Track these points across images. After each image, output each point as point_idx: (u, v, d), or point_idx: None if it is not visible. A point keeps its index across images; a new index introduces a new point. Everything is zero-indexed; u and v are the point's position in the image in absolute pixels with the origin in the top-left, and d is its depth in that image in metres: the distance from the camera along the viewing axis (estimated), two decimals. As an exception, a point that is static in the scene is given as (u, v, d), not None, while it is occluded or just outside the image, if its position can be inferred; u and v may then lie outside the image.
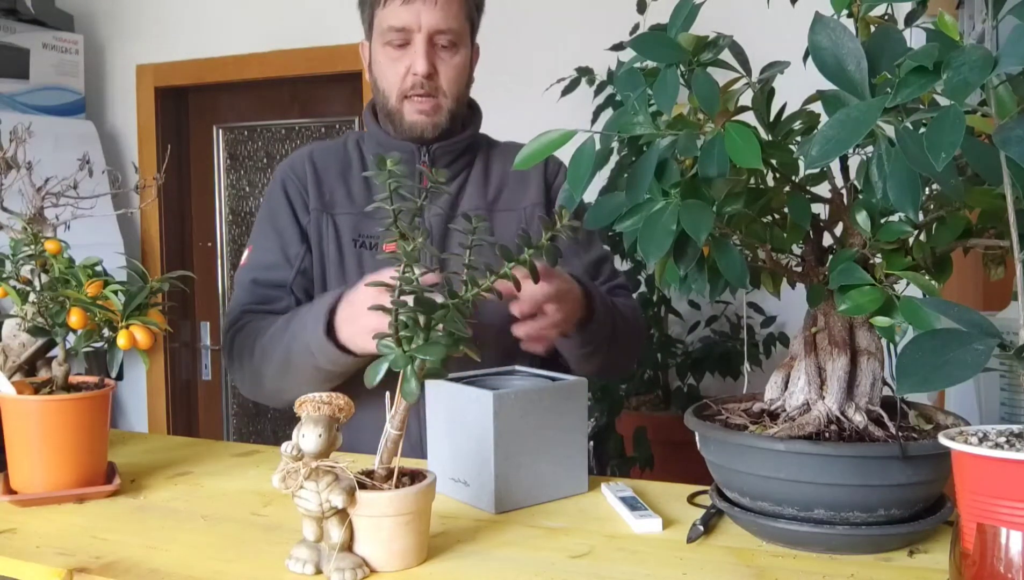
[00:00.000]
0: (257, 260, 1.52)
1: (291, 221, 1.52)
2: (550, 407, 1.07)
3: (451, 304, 0.85)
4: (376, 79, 1.52)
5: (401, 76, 1.46)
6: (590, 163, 0.84)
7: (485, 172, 1.56)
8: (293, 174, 1.55)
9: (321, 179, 1.53)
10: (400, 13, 1.43)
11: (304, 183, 1.53)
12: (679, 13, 0.88)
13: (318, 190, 1.53)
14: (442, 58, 1.46)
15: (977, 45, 0.66)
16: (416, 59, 1.43)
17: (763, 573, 0.85)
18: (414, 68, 1.44)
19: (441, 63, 1.46)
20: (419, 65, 1.43)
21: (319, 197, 1.52)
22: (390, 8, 1.44)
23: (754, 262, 0.96)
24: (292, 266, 1.50)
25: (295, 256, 1.50)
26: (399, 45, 1.45)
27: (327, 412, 0.85)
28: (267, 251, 1.51)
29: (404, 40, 1.44)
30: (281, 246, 1.51)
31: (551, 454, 1.07)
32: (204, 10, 3.45)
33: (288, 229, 1.51)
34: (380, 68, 1.50)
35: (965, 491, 0.68)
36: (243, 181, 3.60)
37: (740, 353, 2.64)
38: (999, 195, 0.70)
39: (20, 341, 1.19)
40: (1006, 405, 1.16)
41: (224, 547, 0.94)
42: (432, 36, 1.44)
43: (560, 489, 1.09)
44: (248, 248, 1.57)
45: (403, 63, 1.45)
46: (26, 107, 3.20)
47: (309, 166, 1.55)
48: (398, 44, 1.45)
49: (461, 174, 1.55)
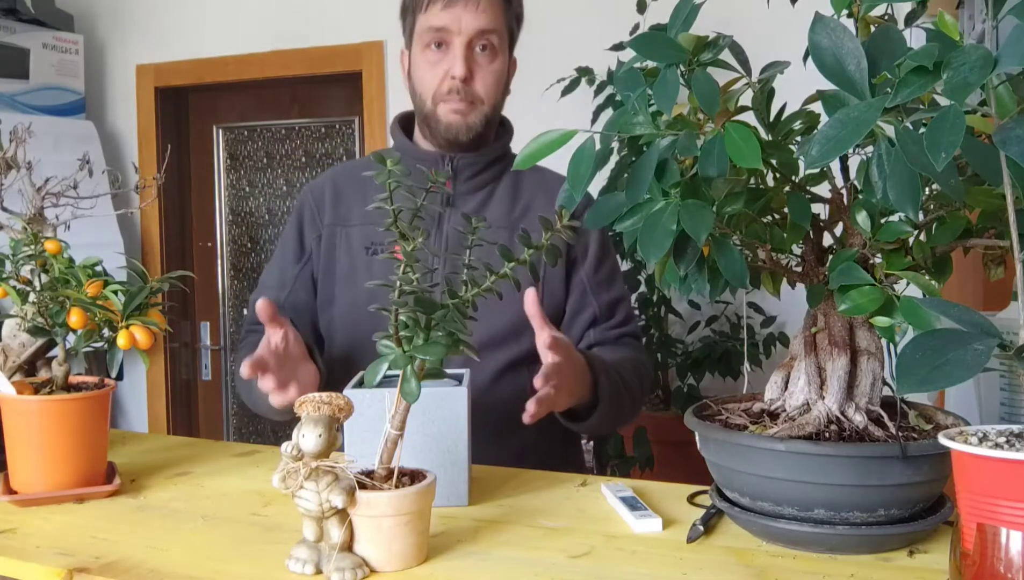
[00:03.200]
0: (265, 281, 1.62)
1: (296, 243, 1.58)
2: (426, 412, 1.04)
3: (451, 304, 0.85)
4: (414, 84, 1.53)
5: (439, 79, 1.47)
6: (590, 163, 0.84)
7: (514, 190, 1.55)
8: (311, 195, 1.60)
9: (339, 197, 1.58)
10: (441, 15, 1.44)
11: (321, 202, 1.58)
12: (679, 13, 0.88)
13: (335, 207, 1.57)
14: (480, 64, 1.47)
15: (977, 45, 0.66)
16: (455, 62, 1.45)
17: (763, 573, 0.85)
18: (452, 71, 1.45)
19: (479, 68, 1.47)
20: (457, 68, 1.44)
21: (335, 213, 1.56)
22: (431, 11, 1.45)
23: (754, 262, 0.96)
24: (286, 287, 1.57)
25: (290, 277, 1.57)
26: (438, 47, 1.46)
27: (327, 412, 0.85)
28: (272, 274, 1.60)
29: (443, 40, 1.45)
30: (282, 266, 1.58)
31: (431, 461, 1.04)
32: (204, 10, 3.45)
33: (291, 251, 1.58)
34: (418, 72, 1.51)
35: (965, 491, 0.68)
36: (243, 181, 3.60)
37: (740, 353, 2.64)
38: (999, 195, 0.70)
39: (20, 341, 1.19)
40: (1006, 405, 1.16)
41: (224, 547, 0.95)
42: (471, 40, 1.45)
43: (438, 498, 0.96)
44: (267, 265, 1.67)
45: (441, 67, 1.46)
46: (26, 107, 3.20)
47: (329, 186, 1.60)
48: (437, 46, 1.46)
49: (487, 188, 1.54)
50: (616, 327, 1.53)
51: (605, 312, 1.53)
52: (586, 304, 1.52)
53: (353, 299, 1.50)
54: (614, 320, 1.53)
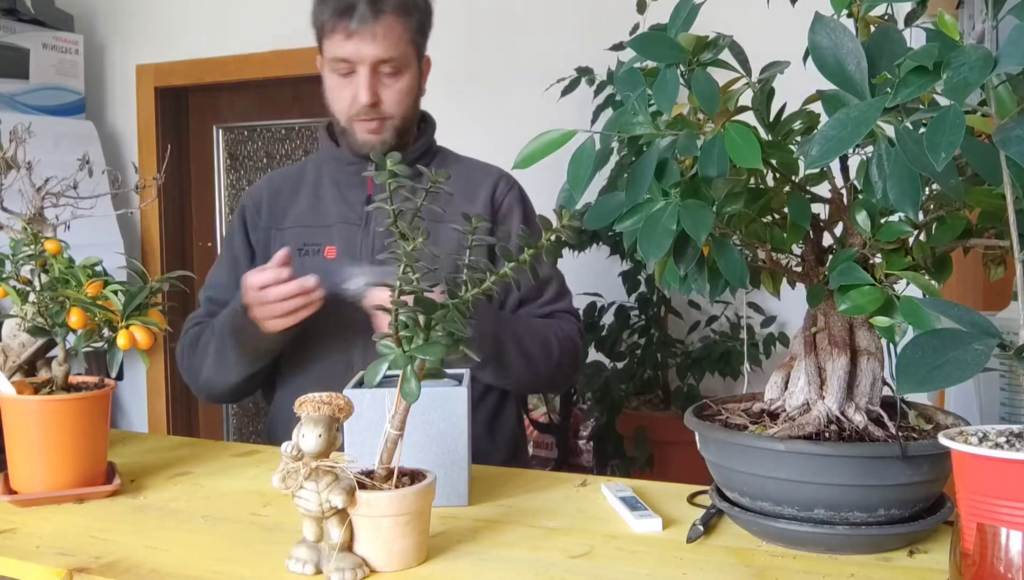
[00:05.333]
0: (213, 279, 1.68)
1: (243, 243, 1.67)
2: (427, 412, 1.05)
3: (451, 304, 0.85)
4: (327, 99, 1.62)
5: (348, 102, 1.56)
6: (590, 163, 0.84)
7: None
8: (251, 199, 1.70)
9: (275, 199, 1.67)
10: (344, 45, 1.52)
11: (259, 205, 1.67)
12: (679, 13, 0.88)
13: (271, 209, 1.66)
14: (385, 84, 1.55)
15: (977, 45, 0.66)
16: (360, 90, 1.53)
17: (763, 573, 0.85)
18: (359, 98, 1.54)
19: (384, 89, 1.55)
20: (362, 96, 1.53)
21: (271, 216, 1.66)
22: (335, 40, 1.53)
23: (754, 262, 0.96)
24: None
25: None
26: (344, 74, 1.55)
27: (327, 412, 0.85)
28: (221, 271, 1.67)
29: (349, 70, 1.54)
30: (234, 267, 1.64)
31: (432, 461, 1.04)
32: (204, 10, 3.45)
33: (240, 252, 1.66)
34: (329, 91, 1.60)
35: (965, 491, 0.68)
36: (243, 181, 3.60)
37: (740, 353, 2.64)
38: (999, 195, 0.70)
39: (20, 341, 1.19)
40: (1006, 405, 1.16)
41: (224, 547, 0.95)
42: (374, 66, 1.53)
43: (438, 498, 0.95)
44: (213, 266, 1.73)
45: (349, 91, 1.55)
46: (26, 107, 3.20)
47: (266, 189, 1.69)
48: (343, 73, 1.55)
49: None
50: (547, 304, 1.61)
51: (533, 292, 1.60)
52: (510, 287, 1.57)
53: None
54: (543, 298, 1.61)
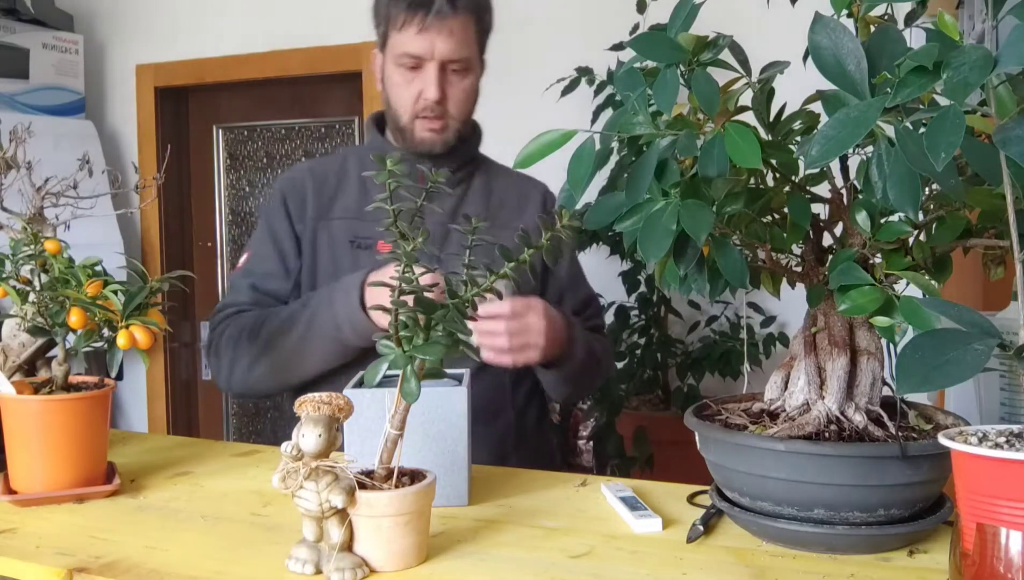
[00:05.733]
0: (256, 267, 1.59)
1: (289, 233, 1.59)
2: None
3: (451, 304, 0.85)
4: (388, 95, 1.57)
5: (413, 98, 1.52)
6: (590, 163, 0.84)
7: (487, 187, 1.63)
8: (292, 188, 1.62)
9: (320, 190, 1.61)
10: (416, 41, 1.48)
11: (303, 195, 1.60)
12: (679, 13, 0.88)
13: (317, 200, 1.60)
14: (452, 82, 1.52)
15: (977, 45, 0.66)
16: (428, 86, 1.50)
17: (763, 573, 0.85)
18: (426, 94, 1.50)
19: (451, 87, 1.52)
20: (431, 92, 1.49)
21: (317, 206, 1.59)
22: (406, 34, 1.49)
23: (754, 262, 0.96)
24: (290, 278, 1.58)
25: (293, 269, 1.58)
26: (411, 68, 1.51)
27: (327, 412, 0.85)
28: (266, 260, 1.58)
29: (416, 65, 1.50)
30: (280, 258, 1.58)
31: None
32: (204, 10, 3.45)
33: (286, 241, 1.59)
34: (393, 87, 1.55)
35: (965, 491, 0.68)
36: (243, 181, 3.60)
37: (740, 353, 2.64)
38: (999, 195, 0.70)
39: (20, 341, 1.19)
40: (1006, 405, 1.16)
41: (224, 547, 0.94)
42: (444, 63, 1.50)
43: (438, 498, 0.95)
44: (246, 253, 1.63)
45: (415, 86, 1.51)
46: (26, 107, 3.20)
47: (310, 179, 1.62)
48: (409, 67, 1.51)
49: (462, 185, 1.61)
50: (590, 319, 1.65)
51: (581, 306, 1.64)
52: (564, 301, 1.61)
53: None
54: (587, 313, 1.65)
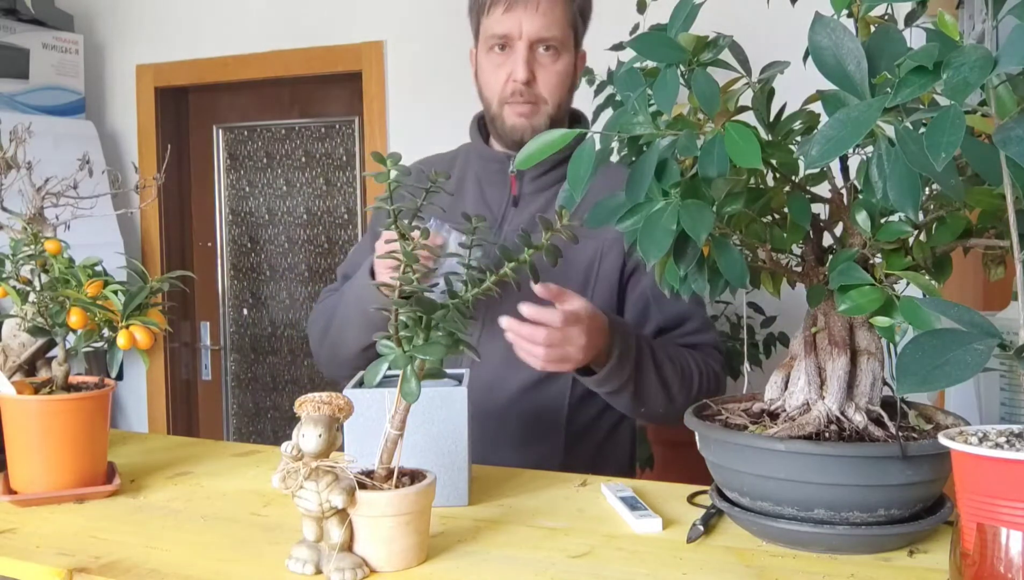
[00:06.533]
0: (353, 258, 1.64)
1: None
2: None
3: (451, 304, 0.85)
4: (480, 86, 1.56)
5: (502, 82, 1.49)
6: (590, 163, 0.84)
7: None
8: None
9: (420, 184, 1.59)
10: (503, 20, 1.46)
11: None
12: (679, 13, 0.88)
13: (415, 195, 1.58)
14: (542, 64, 1.49)
15: (977, 45, 0.66)
16: (516, 66, 1.47)
17: (763, 573, 0.85)
18: (514, 74, 1.47)
19: (541, 69, 1.48)
20: (519, 72, 1.47)
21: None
22: (493, 16, 1.48)
23: (754, 262, 0.96)
24: None
25: None
26: (501, 49, 1.48)
27: (327, 412, 0.85)
28: (363, 253, 1.62)
29: (504, 44, 1.48)
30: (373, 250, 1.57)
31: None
32: (204, 10, 3.44)
33: None
34: (484, 74, 1.54)
35: (965, 491, 0.68)
36: (243, 181, 3.60)
37: (740, 353, 2.64)
38: (999, 195, 0.70)
39: (20, 341, 1.19)
40: (1006, 405, 1.16)
41: (224, 547, 0.95)
42: (533, 43, 1.47)
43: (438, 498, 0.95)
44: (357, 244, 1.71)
45: (504, 69, 1.49)
46: (26, 107, 3.20)
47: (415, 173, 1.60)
48: (500, 48, 1.48)
49: (552, 188, 1.53)
50: (689, 334, 1.50)
51: (672, 322, 1.49)
52: (648, 316, 1.49)
53: None
54: (682, 329, 1.50)
